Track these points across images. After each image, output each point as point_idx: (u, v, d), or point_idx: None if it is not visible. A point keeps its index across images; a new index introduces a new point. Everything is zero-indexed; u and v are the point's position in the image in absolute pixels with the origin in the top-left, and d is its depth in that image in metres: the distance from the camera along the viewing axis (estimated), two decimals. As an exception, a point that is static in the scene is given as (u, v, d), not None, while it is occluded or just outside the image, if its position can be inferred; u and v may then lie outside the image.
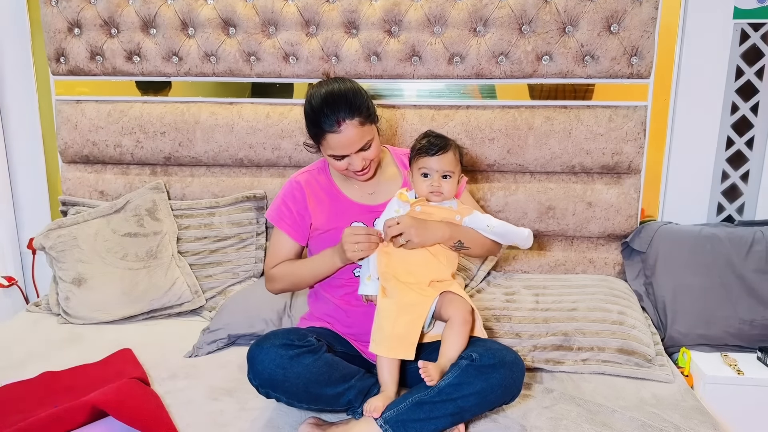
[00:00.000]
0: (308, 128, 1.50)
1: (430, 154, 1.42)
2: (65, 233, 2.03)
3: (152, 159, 2.20)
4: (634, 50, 1.97)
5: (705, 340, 1.88)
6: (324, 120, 1.43)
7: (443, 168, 1.43)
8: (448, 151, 1.43)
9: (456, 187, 1.47)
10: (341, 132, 1.43)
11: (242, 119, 2.11)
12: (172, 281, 1.98)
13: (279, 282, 1.58)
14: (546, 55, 2.00)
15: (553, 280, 2.02)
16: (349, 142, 1.44)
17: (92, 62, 2.17)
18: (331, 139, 1.44)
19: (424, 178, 1.44)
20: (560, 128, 2.01)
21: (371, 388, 1.40)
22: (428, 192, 1.44)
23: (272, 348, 1.33)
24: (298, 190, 1.58)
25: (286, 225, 1.57)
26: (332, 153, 1.47)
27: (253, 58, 2.10)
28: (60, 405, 1.41)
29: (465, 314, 1.39)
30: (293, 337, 1.36)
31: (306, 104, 1.49)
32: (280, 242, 1.58)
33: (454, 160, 1.44)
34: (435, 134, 1.47)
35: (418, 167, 1.45)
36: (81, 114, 2.19)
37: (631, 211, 2.06)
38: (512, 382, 1.33)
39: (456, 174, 1.45)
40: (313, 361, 1.33)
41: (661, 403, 1.51)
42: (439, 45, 2.01)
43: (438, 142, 1.43)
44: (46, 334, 1.89)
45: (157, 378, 1.61)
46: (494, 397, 1.32)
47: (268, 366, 1.31)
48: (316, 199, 1.57)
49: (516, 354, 1.38)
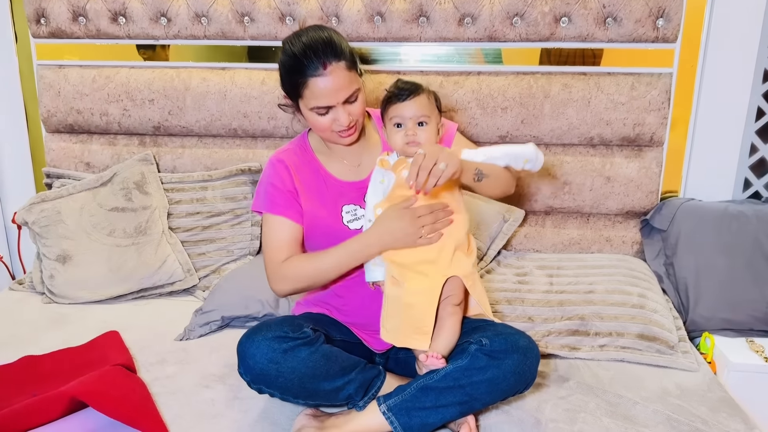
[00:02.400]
0: (286, 81, 1.31)
1: (401, 99, 1.26)
2: (49, 207, 1.91)
3: (140, 128, 2.06)
4: (660, 11, 1.81)
5: (729, 324, 1.76)
6: (308, 65, 1.25)
7: (416, 114, 1.26)
8: (420, 95, 1.27)
9: (436, 135, 1.30)
10: (327, 75, 1.25)
11: (236, 86, 1.97)
12: (162, 259, 1.87)
13: (293, 281, 1.34)
14: (564, 16, 1.84)
15: (568, 260, 1.90)
16: (336, 87, 1.26)
17: (75, 24, 2.02)
18: (316, 85, 1.25)
19: (397, 129, 1.28)
20: (579, 96, 1.87)
21: (374, 380, 1.29)
22: (404, 144, 1.27)
23: (264, 341, 1.20)
24: (283, 168, 1.39)
25: (282, 208, 1.37)
26: (316, 104, 1.28)
27: (247, 18, 1.95)
28: (39, 392, 1.32)
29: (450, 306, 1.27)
30: (287, 328, 1.24)
31: (282, 55, 1.30)
32: (279, 229, 1.37)
33: (428, 104, 1.28)
34: (405, 80, 1.31)
35: (389, 118, 1.29)
36: (64, 80, 2.04)
37: (652, 187, 1.93)
38: (526, 369, 1.22)
39: (433, 119, 1.29)
40: (309, 355, 1.21)
41: (685, 394, 1.40)
42: (449, 4, 1.85)
43: (408, 86, 1.27)
44: (29, 314, 1.79)
45: (145, 363, 1.51)
46: (506, 386, 1.20)
47: (260, 360, 1.19)
48: (301, 177, 1.40)
49: (530, 339, 1.26)
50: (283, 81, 1.33)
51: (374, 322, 1.33)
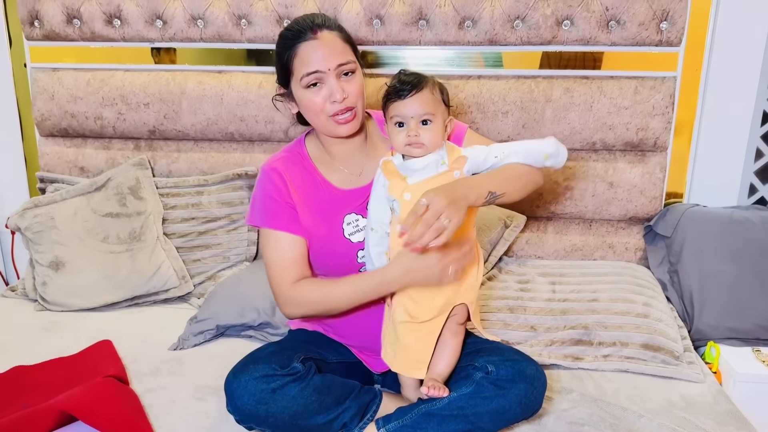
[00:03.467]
0: (278, 66, 1.26)
1: (402, 96, 1.15)
2: (42, 213, 1.88)
3: (135, 132, 2.03)
4: (664, 14, 1.78)
5: (735, 333, 1.73)
6: (297, 33, 1.20)
7: (419, 112, 1.16)
8: (424, 90, 1.16)
9: (442, 133, 1.19)
10: (318, 38, 1.19)
11: (232, 89, 1.94)
12: (157, 265, 1.83)
13: (305, 307, 1.26)
14: (567, 19, 1.81)
15: (571, 267, 1.87)
16: (327, 51, 1.19)
17: (69, 26, 1.99)
18: (305, 50, 1.19)
19: (399, 128, 1.18)
20: (581, 101, 1.84)
21: (370, 404, 1.24)
22: (406, 144, 1.17)
23: (251, 381, 1.14)
24: (279, 178, 1.30)
25: (282, 222, 1.28)
26: (306, 71, 1.19)
27: (243, 21, 1.91)
28: (30, 404, 1.29)
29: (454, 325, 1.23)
30: (275, 364, 1.17)
31: (278, 39, 1.26)
32: (283, 246, 1.28)
33: (432, 100, 1.16)
34: (407, 72, 1.20)
35: (390, 116, 1.19)
36: (58, 83, 2.01)
37: (656, 192, 1.90)
38: (532, 399, 1.18)
39: (439, 116, 1.17)
40: (299, 392, 1.16)
41: (691, 407, 1.37)
42: (449, 7, 1.82)
43: (410, 80, 1.16)
44: (21, 321, 1.76)
45: (138, 374, 1.48)
46: (511, 415, 1.17)
47: (248, 402, 1.13)
48: (297, 187, 1.31)
49: (537, 365, 1.22)
50: (276, 68, 1.27)
51: (372, 344, 1.29)
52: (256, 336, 1.65)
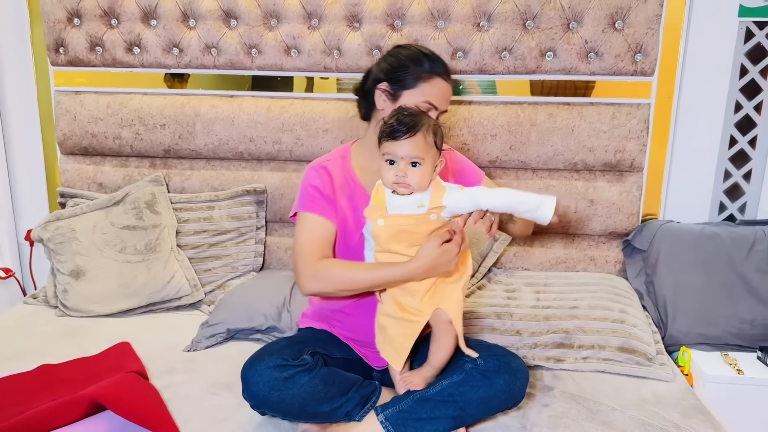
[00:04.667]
0: (401, 70, 1.41)
1: (396, 138, 1.23)
2: (63, 225, 2.02)
3: (152, 151, 2.18)
4: (638, 47, 1.95)
5: (705, 339, 1.87)
6: (438, 65, 1.42)
7: (410, 154, 1.23)
8: (417, 134, 1.23)
9: (429, 175, 1.27)
10: (449, 84, 1.44)
11: (243, 112, 2.10)
12: (170, 275, 1.97)
13: (325, 282, 1.36)
14: (550, 51, 1.99)
15: (554, 278, 2.01)
16: (447, 97, 1.44)
17: (92, 53, 2.15)
18: (438, 84, 1.42)
19: (389, 166, 1.26)
20: (563, 125, 2.00)
21: (370, 395, 1.37)
22: (393, 182, 1.26)
23: (266, 369, 1.27)
24: (326, 174, 1.45)
25: (319, 207, 1.41)
26: (427, 99, 1.40)
27: (254, 50, 2.08)
28: (58, 398, 1.40)
29: (444, 324, 1.32)
30: (287, 355, 1.30)
31: (405, 50, 1.46)
32: (314, 227, 1.41)
33: (424, 144, 1.24)
34: (406, 112, 1.28)
35: (382, 152, 1.27)
36: (80, 105, 2.17)
37: (633, 209, 2.05)
38: (515, 388, 1.32)
39: (428, 160, 1.25)
40: (308, 381, 1.28)
41: (661, 402, 1.50)
42: (443, 39, 2.00)
43: (407, 122, 1.24)
44: (44, 326, 1.88)
45: (155, 372, 1.60)
46: (497, 403, 1.30)
47: (263, 388, 1.26)
48: (339, 186, 1.46)
49: (520, 360, 1.37)
50: (397, 69, 1.42)
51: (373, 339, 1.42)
52: (263, 339, 1.78)
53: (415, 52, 1.44)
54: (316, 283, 1.37)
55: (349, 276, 1.35)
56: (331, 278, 1.36)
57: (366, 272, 1.34)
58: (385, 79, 1.44)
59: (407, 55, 1.44)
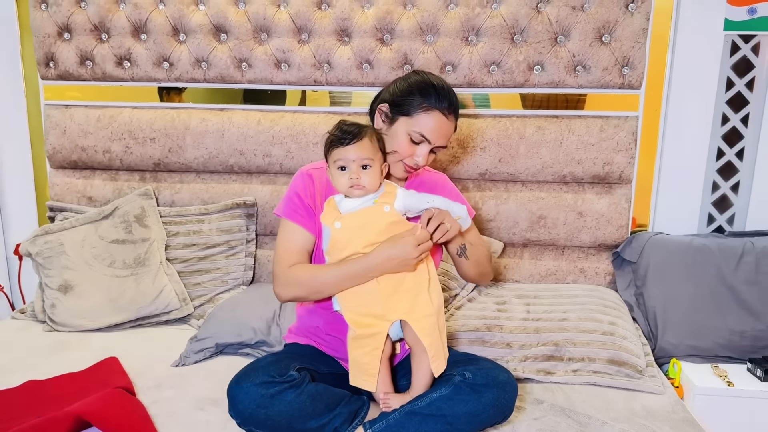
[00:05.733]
0: (406, 95, 1.42)
1: (344, 144, 1.31)
2: (52, 239, 2.01)
3: (141, 165, 2.18)
4: (625, 61, 1.97)
5: (695, 351, 1.88)
6: (441, 99, 1.40)
7: (360, 157, 1.32)
8: (363, 138, 1.32)
9: (379, 177, 1.36)
10: (447, 120, 1.41)
11: (233, 126, 2.10)
12: (159, 289, 1.96)
13: (295, 287, 1.40)
14: (538, 64, 2.00)
15: (544, 290, 2.01)
16: (444, 133, 1.42)
17: (82, 67, 2.16)
18: (435, 118, 1.40)
19: (341, 172, 1.34)
20: (552, 138, 2.01)
21: (358, 411, 1.36)
22: (348, 187, 1.34)
23: (252, 387, 1.27)
24: (310, 182, 1.47)
25: (300, 216, 1.44)
26: (421, 131, 1.40)
27: (244, 64, 2.09)
28: (44, 415, 1.38)
29: (418, 343, 1.32)
30: (273, 372, 1.29)
31: (416, 76, 1.45)
32: (292, 235, 1.44)
33: (371, 147, 1.33)
34: (348, 122, 1.36)
35: (333, 160, 1.34)
36: (70, 119, 2.17)
37: (622, 221, 2.06)
38: (504, 402, 1.31)
39: (376, 162, 1.34)
40: (295, 397, 1.27)
41: (651, 415, 1.50)
42: (431, 53, 2.01)
43: (352, 129, 1.33)
44: (32, 341, 1.86)
45: (143, 387, 1.59)
46: (485, 417, 1.30)
47: (249, 405, 1.25)
48: (319, 193, 1.47)
49: (509, 374, 1.36)
50: (402, 94, 1.43)
51: None
52: (253, 353, 1.77)
53: (425, 81, 1.43)
54: (289, 289, 1.41)
55: (316, 277, 1.38)
56: (300, 282, 1.39)
57: (330, 270, 1.36)
58: (389, 102, 1.45)
59: (416, 83, 1.43)
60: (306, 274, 1.40)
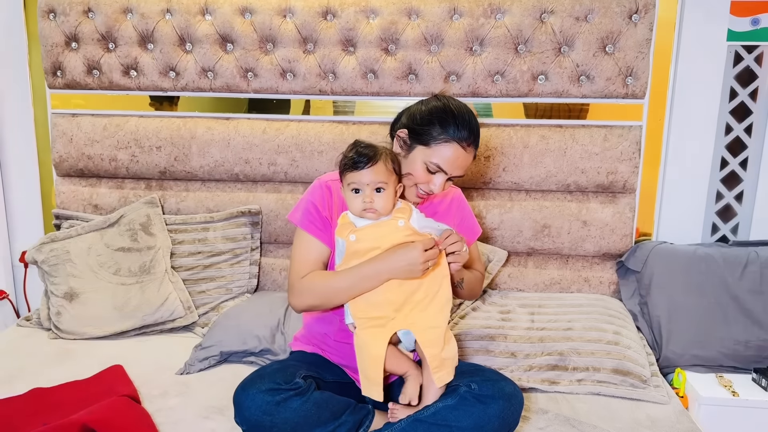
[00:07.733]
0: (426, 123, 1.41)
1: (358, 168, 1.32)
2: (58, 247, 2.02)
3: (147, 173, 2.19)
4: (629, 71, 1.98)
5: (700, 360, 1.87)
6: (460, 130, 1.38)
7: (374, 180, 1.32)
8: (378, 162, 1.33)
9: (393, 199, 1.37)
10: (465, 152, 1.40)
11: (239, 134, 2.12)
12: (164, 297, 1.97)
13: (309, 296, 1.41)
14: (542, 74, 2.01)
15: (549, 299, 2.01)
16: (460, 165, 1.41)
17: (89, 76, 2.17)
18: (452, 150, 1.39)
19: (355, 194, 1.35)
20: (555, 147, 2.02)
21: (363, 420, 1.36)
22: (361, 210, 1.34)
23: (258, 393, 1.27)
24: (329, 194, 1.47)
25: (316, 228, 1.44)
26: (437, 162, 1.39)
27: (250, 74, 2.11)
28: (49, 422, 1.39)
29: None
30: (279, 379, 1.30)
31: (437, 102, 1.44)
32: (308, 247, 1.45)
33: (386, 171, 1.34)
34: (364, 144, 1.36)
35: (347, 183, 1.35)
36: (76, 127, 2.18)
37: (626, 231, 2.07)
38: (510, 414, 1.30)
39: (390, 185, 1.35)
40: (300, 405, 1.28)
41: (656, 425, 1.50)
42: (436, 63, 2.03)
43: (367, 152, 1.33)
44: (37, 349, 1.87)
45: (148, 395, 1.59)
46: (491, 429, 1.28)
47: (255, 412, 1.26)
48: (337, 205, 1.47)
49: (515, 386, 1.36)
50: (422, 122, 1.42)
51: None
52: (257, 362, 1.77)
53: (445, 109, 1.41)
54: (302, 298, 1.42)
55: (328, 284, 1.39)
56: (313, 290, 1.41)
57: (342, 276, 1.37)
58: (408, 127, 1.45)
59: (436, 110, 1.42)
60: (319, 281, 1.41)
